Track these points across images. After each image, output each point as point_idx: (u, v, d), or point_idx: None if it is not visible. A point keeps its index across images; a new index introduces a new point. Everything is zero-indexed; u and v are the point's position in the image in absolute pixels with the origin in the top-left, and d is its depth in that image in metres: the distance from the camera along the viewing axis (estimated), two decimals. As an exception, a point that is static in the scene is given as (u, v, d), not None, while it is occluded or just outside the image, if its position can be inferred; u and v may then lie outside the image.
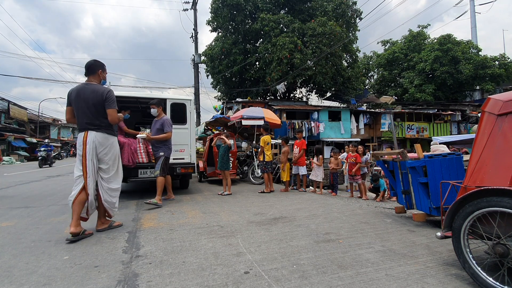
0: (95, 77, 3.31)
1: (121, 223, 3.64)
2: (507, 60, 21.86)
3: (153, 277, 2.17)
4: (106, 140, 3.23)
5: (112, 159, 3.30)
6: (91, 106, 3.15)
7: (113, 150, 3.31)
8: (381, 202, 5.66)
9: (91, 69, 3.29)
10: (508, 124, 2.07)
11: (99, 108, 3.17)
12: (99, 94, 3.16)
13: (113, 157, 3.32)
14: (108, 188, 3.28)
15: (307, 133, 16.02)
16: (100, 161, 3.23)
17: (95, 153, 3.17)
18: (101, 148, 3.19)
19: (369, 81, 27.68)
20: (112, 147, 3.30)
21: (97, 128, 3.18)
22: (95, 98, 3.15)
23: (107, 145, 3.24)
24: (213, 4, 18.34)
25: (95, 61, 3.34)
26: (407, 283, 2.08)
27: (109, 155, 3.26)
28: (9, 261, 2.50)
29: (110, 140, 3.28)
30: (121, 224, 3.60)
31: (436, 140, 7.78)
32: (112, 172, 3.32)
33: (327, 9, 18.68)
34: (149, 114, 8.08)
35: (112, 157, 3.30)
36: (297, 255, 2.61)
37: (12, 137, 26.42)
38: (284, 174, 6.78)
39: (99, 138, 3.18)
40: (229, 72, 19.13)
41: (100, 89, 3.21)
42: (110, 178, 3.30)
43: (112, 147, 3.30)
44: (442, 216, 2.60)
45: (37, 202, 5.33)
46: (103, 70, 3.39)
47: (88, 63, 3.31)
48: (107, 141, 3.24)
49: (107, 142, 3.24)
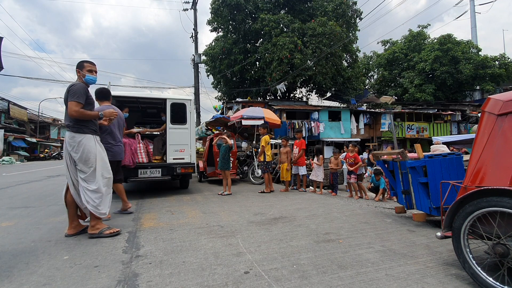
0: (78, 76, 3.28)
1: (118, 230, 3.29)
2: (507, 60, 21.86)
3: (153, 277, 2.17)
4: (73, 139, 3.08)
5: (84, 159, 3.08)
6: (65, 104, 3.13)
7: (82, 149, 3.07)
8: (381, 202, 5.66)
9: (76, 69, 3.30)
10: (508, 124, 2.07)
11: (66, 105, 3.09)
12: (67, 90, 3.10)
13: (84, 157, 3.08)
14: (86, 189, 3.10)
15: (307, 133, 16.02)
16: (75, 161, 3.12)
17: (67, 153, 3.12)
18: (70, 147, 3.08)
19: (369, 81, 27.69)
20: (81, 146, 3.08)
21: (67, 128, 3.12)
22: (65, 95, 3.11)
23: (74, 144, 3.07)
24: (213, 4, 18.34)
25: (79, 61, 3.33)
26: (407, 283, 2.08)
27: (79, 154, 3.06)
28: (9, 261, 2.51)
29: (78, 139, 3.08)
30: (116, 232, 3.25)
31: (438, 140, 7.78)
32: (88, 172, 3.11)
33: (327, 9, 18.69)
34: (149, 114, 8.15)
35: (83, 157, 3.07)
36: (297, 255, 2.61)
37: (12, 137, 26.41)
38: (285, 174, 6.78)
39: (67, 138, 3.11)
40: (229, 72, 19.14)
41: (69, 85, 3.14)
42: (87, 178, 3.12)
43: (81, 146, 3.08)
44: (442, 216, 2.60)
45: (37, 202, 5.33)
46: (81, 68, 3.26)
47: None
48: (73, 140, 3.08)
49: (74, 141, 3.08)
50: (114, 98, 5.89)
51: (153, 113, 8.02)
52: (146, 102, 7.08)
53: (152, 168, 5.65)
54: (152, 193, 6.21)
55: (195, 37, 18.73)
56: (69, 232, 3.22)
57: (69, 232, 3.21)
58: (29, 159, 27.22)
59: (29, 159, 27.22)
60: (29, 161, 25.85)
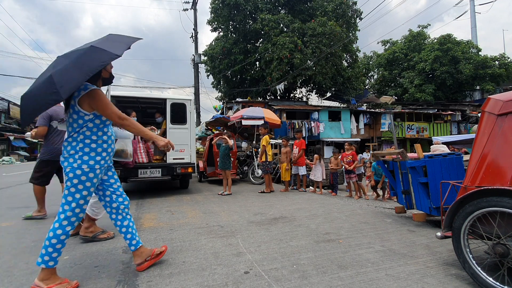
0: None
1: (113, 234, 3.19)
2: (507, 60, 21.87)
3: (153, 277, 2.17)
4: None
5: None
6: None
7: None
8: (381, 202, 5.66)
9: None
10: (508, 124, 2.07)
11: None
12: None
13: None
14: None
15: (307, 133, 16.02)
16: None
17: None
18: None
19: (369, 81, 27.70)
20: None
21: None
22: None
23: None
24: (213, 4, 18.35)
25: None
26: (407, 283, 2.08)
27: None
28: (9, 261, 2.51)
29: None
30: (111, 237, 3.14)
31: (438, 140, 7.77)
32: None
33: (327, 9, 18.69)
34: (149, 114, 8.15)
35: None
36: (297, 255, 2.61)
37: (12, 137, 26.42)
38: (284, 174, 6.78)
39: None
40: (229, 72, 19.14)
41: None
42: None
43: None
44: (442, 216, 2.60)
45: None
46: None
47: None
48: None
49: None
50: (114, 98, 5.89)
51: (153, 113, 8.02)
52: (146, 102, 7.08)
53: (152, 168, 5.65)
54: (152, 193, 6.21)
55: (195, 37, 18.72)
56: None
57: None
58: (29, 159, 27.22)
59: (29, 159, 27.22)
60: (29, 161, 25.85)
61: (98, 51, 1.97)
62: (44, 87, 1.85)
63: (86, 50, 1.97)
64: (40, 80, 1.97)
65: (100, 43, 2.04)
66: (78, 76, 1.87)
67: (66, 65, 1.91)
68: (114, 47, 2.04)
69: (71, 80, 1.86)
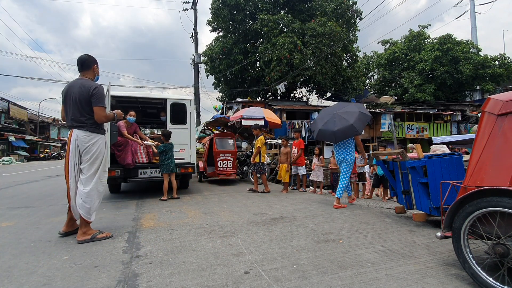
0: (89, 72, 3.16)
1: (110, 234, 3.19)
2: (507, 60, 21.86)
3: (153, 277, 2.17)
4: (89, 138, 3.00)
5: (92, 159, 3.01)
6: (77, 101, 2.98)
7: (95, 149, 3.02)
8: (381, 202, 5.66)
9: (85, 64, 3.14)
10: (508, 124, 2.07)
11: (83, 104, 2.99)
12: (86, 89, 2.98)
13: (94, 157, 3.02)
14: (81, 191, 2.98)
15: (307, 133, 16.02)
16: (81, 160, 3.02)
17: (77, 152, 2.98)
18: (82, 147, 2.98)
19: (369, 81, 27.68)
20: (95, 145, 3.03)
21: (80, 126, 2.99)
22: (82, 93, 2.98)
23: (89, 143, 3.00)
24: (213, 4, 18.34)
25: (89, 56, 3.18)
26: (407, 283, 2.08)
27: (90, 154, 3.00)
28: (9, 261, 2.51)
29: (94, 139, 3.04)
30: (109, 237, 3.13)
31: (437, 140, 7.76)
32: (89, 172, 3.01)
33: (327, 9, 18.69)
34: (149, 114, 8.15)
35: (93, 157, 3.01)
36: (297, 255, 2.61)
37: (12, 136, 26.42)
38: (283, 175, 6.76)
39: (81, 136, 2.98)
40: (229, 72, 19.14)
41: (88, 84, 3.02)
42: (85, 179, 3.00)
43: (95, 146, 3.03)
44: (442, 216, 2.60)
45: (37, 202, 5.33)
46: (98, 65, 3.25)
47: (81, 58, 3.13)
48: (89, 139, 3.01)
49: (90, 140, 3.01)
50: (113, 98, 5.89)
51: (153, 113, 8.02)
52: (146, 102, 7.08)
53: (152, 168, 5.65)
54: (152, 193, 6.20)
55: (195, 37, 18.73)
56: (64, 229, 3.18)
57: (63, 230, 3.18)
58: (29, 159, 27.23)
59: (29, 159, 27.23)
60: (29, 161, 25.86)
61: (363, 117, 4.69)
62: (350, 129, 4.55)
63: (361, 114, 4.65)
64: (343, 123, 4.61)
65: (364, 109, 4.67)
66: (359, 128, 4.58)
67: (356, 119, 4.59)
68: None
69: (360, 129, 4.57)
